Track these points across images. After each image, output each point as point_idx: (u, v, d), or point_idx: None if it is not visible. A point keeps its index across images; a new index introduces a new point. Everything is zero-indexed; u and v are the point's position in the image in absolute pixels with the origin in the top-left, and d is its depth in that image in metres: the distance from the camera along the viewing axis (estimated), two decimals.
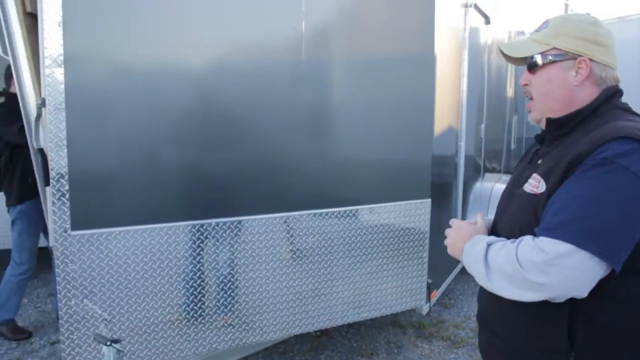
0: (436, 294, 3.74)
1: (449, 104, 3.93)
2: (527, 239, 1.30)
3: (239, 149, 2.88)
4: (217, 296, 2.93)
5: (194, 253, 2.81)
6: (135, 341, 2.72)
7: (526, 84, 1.55)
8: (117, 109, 2.58)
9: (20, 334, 4.04)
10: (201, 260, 2.84)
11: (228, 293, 2.96)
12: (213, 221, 2.84)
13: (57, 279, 2.51)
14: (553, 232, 1.24)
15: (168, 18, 2.64)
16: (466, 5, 4.23)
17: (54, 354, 3.87)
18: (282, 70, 2.98)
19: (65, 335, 2.56)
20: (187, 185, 2.78)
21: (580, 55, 1.43)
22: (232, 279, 2.96)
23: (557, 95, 1.47)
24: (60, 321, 2.56)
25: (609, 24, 8.03)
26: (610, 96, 1.45)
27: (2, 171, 3.99)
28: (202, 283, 2.87)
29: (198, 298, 2.87)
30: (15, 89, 3.83)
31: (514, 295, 1.30)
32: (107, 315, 2.64)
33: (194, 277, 2.84)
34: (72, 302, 2.55)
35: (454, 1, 3.99)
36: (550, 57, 1.46)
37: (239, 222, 2.92)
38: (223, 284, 2.94)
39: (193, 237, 2.80)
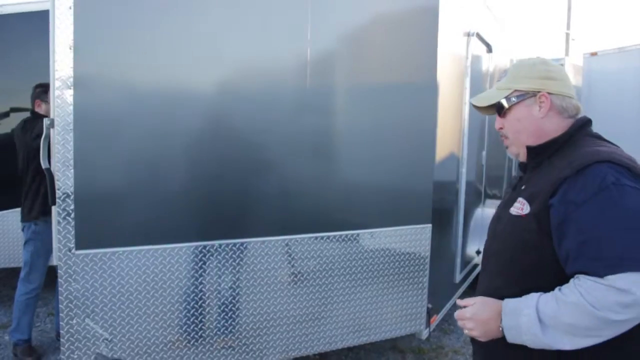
0: (436, 319, 3.74)
1: (450, 131, 3.97)
2: (586, 283, 1.31)
3: (242, 172, 2.92)
4: (218, 317, 2.94)
5: (195, 274, 2.83)
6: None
7: (501, 127, 1.73)
8: (125, 131, 2.63)
9: (28, 357, 4.02)
10: (203, 281, 2.86)
11: (229, 315, 2.97)
12: (216, 243, 2.87)
13: (60, 297, 2.54)
14: (618, 267, 1.27)
15: (176, 43, 2.71)
16: (468, 34, 4.30)
17: None
18: (287, 96, 3.04)
19: (66, 355, 2.57)
20: (191, 207, 2.81)
21: (539, 91, 1.60)
22: (232, 301, 2.97)
23: (528, 130, 1.65)
24: (61, 340, 2.57)
25: (608, 55, 8.14)
26: (583, 125, 1.60)
27: (26, 186, 4.01)
28: (203, 304, 2.88)
29: (199, 319, 2.88)
30: (39, 109, 3.92)
31: (581, 344, 1.32)
32: (108, 335, 2.65)
33: (195, 298, 2.86)
34: (74, 321, 2.57)
35: (456, 30, 4.05)
36: (513, 99, 1.65)
37: (242, 244, 2.94)
38: (224, 306, 2.95)
39: (195, 259, 2.82)
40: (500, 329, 1.47)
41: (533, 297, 1.42)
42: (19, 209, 4.26)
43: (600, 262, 1.30)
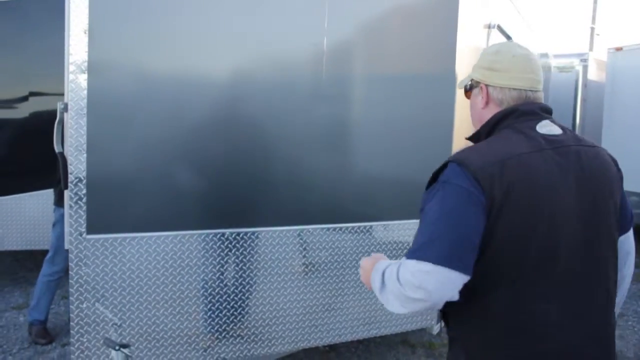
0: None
1: (468, 124, 3.91)
2: (403, 260, 1.43)
3: (257, 160, 2.90)
4: (227, 307, 2.93)
5: (206, 262, 2.83)
6: (144, 347, 2.73)
7: None
8: (138, 116, 2.62)
9: (41, 339, 4.06)
10: (213, 269, 2.86)
11: (238, 304, 2.97)
12: (228, 231, 2.86)
13: (70, 281, 2.55)
14: (411, 254, 1.39)
15: (192, 29, 2.69)
16: (489, 27, 4.22)
17: (64, 355, 3.90)
18: (302, 85, 3.01)
19: (75, 338, 2.59)
20: (204, 194, 2.81)
21: (480, 83, 1.66)
22: (242, 290, 2.96)
23: (473, 117, 1.73)
24: (71, 324, 2.58)
25: (634, 50, 7.96)
26: (503, 117, 1.59)
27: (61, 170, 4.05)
28: (214, 292, 2.88)
29: (209, 307, 2.88)
30: None
31: (398, 309, 1.42)
32: (117, 320, 2.65)
33: (206, 286, 2.86)
34: (84, 305, 2.58)
35: (477, 22, 3.98)
36: (467, 87, 1.74)
37: (253, 233, 2.93)
38: (234, 295, 2.94)
39: (206, 247, 2.81)
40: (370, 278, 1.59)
41: (389, 262, 1.56)
42: (36, 192, 4.31)
43: (412, 246, 1.43)
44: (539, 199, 1.42)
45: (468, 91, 1.73)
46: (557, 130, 1.55)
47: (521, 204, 1.40)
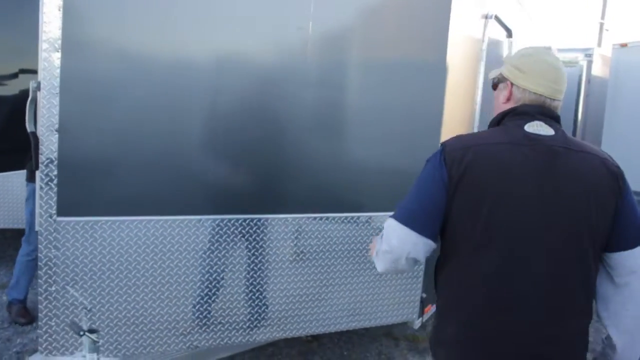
0: (430, 309, 3.64)
1: (460, 115, 3.83)
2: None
3: (233, 145, 2.84)
4: (209, 293, 2.89)
5: (181, 248, 2.77)
6: (115, 332, 2.69)
7: None
8: (113, 97, 2.56)
9: (21, 319, 4.04)
10: (188, 256, 2.80)
11: (220, 291, 2.92)
12: (203, 217, 2.81)
13: (39, 263, 2.50)
14: (392, 214, 1.66)
15: (173, 9, 2.61)
16: (486, 17, 4.12)
17: None
18: (287, 71, 2.93)
19: (44, 322, 2.54)
20: (181, 179, 2.74)
21: (507, 80, 1.75)
22: (225, 277, 2.91)
23: (495, 109, 1.82)
24: (39, 306, 2.54)
25: (639, 46, 7.83)
26: (505, 115, 1.71)
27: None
28: (188, 279, 2.83)
29: (182, 294, 2.83)
30: None
31: (379, 265, 1.70)
32: (88, 304, 2.61)
33: (180, 272, 2.80)
34: (53, 289, 2.53)
35: (473, 11, 3.89)
36: (495, 81, 1.83)
37: (229, 220, 2.87)
38: (215, 281, 2.89)
39: (181, 232, 2.75)
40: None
41: None
42: (23, 171, 4.26)
43: None
44: (489, 183, 1.55)
45: (496, 84, 1.83)
46: (545, 131, 1.61)
47: (472, 185, 1.56)
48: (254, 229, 2.95)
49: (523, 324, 1.54)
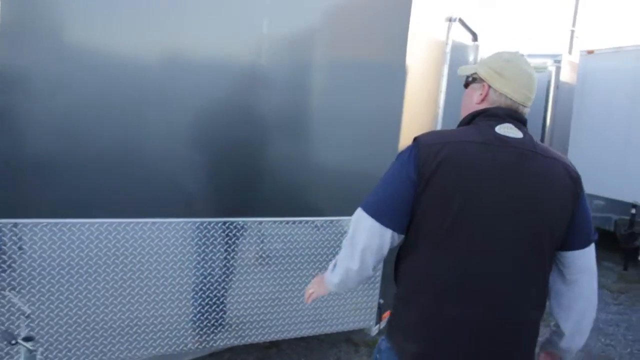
0: (388, 316, 3.59)
1: (422, 119, 3.79)
2: None
3: (184, 145, 2.75)
4: (157, 298, 2.79)
5: (117, 252, 2.66)
6: (55, 340, 2.57)
7: None
8: (41, 90, 2.41)
9: None
10: (137, 260, 2.70)
11: (168, 297, 2.82)
12: (151, 221, 2.71)
13: None
14: (361, 204, 1.70)
15: (118, 2, 2.51)
16: (450, 20, 4.10)
17: None
18: (240, 73, 2.85)
19: None
20: (115, 180, 2.63)
21: (484, 81, 1.77)
22: (172, 282, 2.82)
23: (465, 106, 1.85)
24: None
25: (605, 54, 7.93)
26: (477, 115, 1.76)
27: None
28: (139, 284, 2.73)
29: (135, 299, 2.73)
30: None
31: (346, 258, 1.72)
32: (27, 309, 2.50)
33: (132, 276, 2.70)
34: None
35: (436, 14, 3.86)
36: (470, 79, 1.85)
37: (182, 223, 2.78)
38: (162, 287, 2.79)
39: (117, 236, 2.65)
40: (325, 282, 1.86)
41: None
42: None
43: None
44: (464, 178, 1.59)
45: (469, 82, 1.85)
46: (514, 134, 1.67)
47: (443, 182, 1.59)
48: (204, 232, 2.86)
49: (481, 315, 1.61)
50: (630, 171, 7.37)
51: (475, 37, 4.85)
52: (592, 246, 1.73)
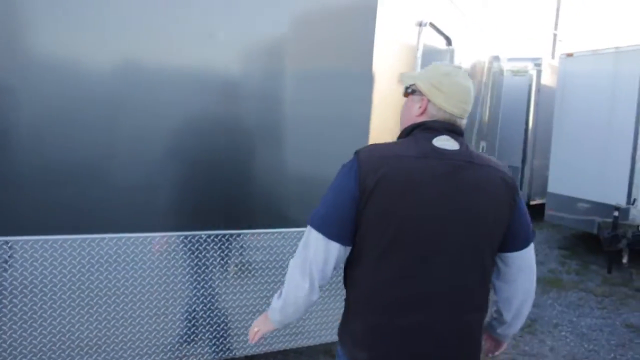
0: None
1: (393, 124, 3.72)
2: None
3: (150, 157, 2.66)
4: (126, 315, 2.69)
5: (101, 268, 2.57)
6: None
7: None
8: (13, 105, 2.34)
9: None
10: (100, 277, 2.61)
11: (137, 312, 2.72)
12: (108, 236, 2.62)
13: None
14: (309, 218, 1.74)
15: (79, 11, 2.43)
16: (420, 24, 4.04)
17: None
18: (206, 82, 2.77)
19: None
20: (89, 194, 2.55)
21: (423, 95, 1.80)
22: (142, 298, 2.72)
23: (404, 117, 1.89)
24: None
25: (583, 56, 7.94)
26: (415, 127, 1.80)
27: None
28: (106, 301, 2.63)
29: (103, 317, 2.63)
30: None
31: (294, 273, 1.73)
32: None
33: (99, 293, 2.61)
34: None
35: (405, 18, 3.80)
36: (409, 90, 1.87)
37: (147, 238, 2.69)
38: (132, 302, 2.70)
39: (101, 251, 2.56)
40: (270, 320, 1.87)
41: None
42: None
43: None
44: (403, 192, 1.65)
45: (408, 93, 1.88)
46: (451, 146, 1.74)
47: (385, 195, 1.64)
48: (176, 246, 2.78)
49: (425, 323, 1.69)
50: (612, 173, 7.36)
51: (449, 41, 4.80)
52: (531, 246, 1.85)
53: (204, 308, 2.94)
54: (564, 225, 8.75)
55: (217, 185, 2.89)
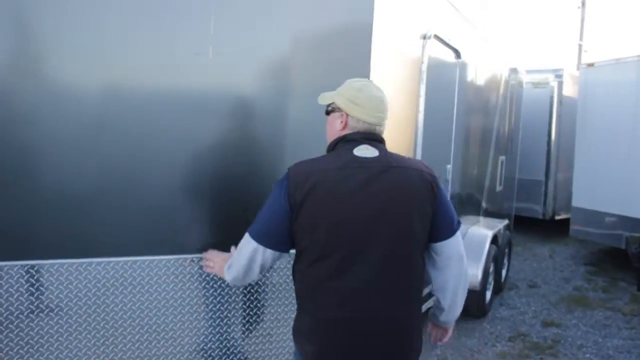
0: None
1: (397, 136, 3.59)
2: None
3: (113, 178, 2.57)
4: (97, 342, 2.60)
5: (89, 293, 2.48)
6: None
7: None
8: None
9: None
10: (88, 302, 2.52)
11: (102, 341, 2.62)
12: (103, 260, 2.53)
13: None
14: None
15: (59, 28, 2.37)
16: (425, 37, 3.93)
17: None
18: (184, 99, 2.69)
19: None
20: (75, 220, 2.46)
21: (342, 110, 2.01)
22: (116, 325, 2.62)
23: (329, 134, 2.10)
24: None
25: (604, 66, 7.70)
26: (338, 141, 2.00)
27: None
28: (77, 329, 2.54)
29: (76, 344, 2.54)
30: None
31: (234, 273, 2.05)
32: None
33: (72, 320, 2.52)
34: None
35: (408, 31, 3.69)
36: (329, 109, 2.09)
37: (126, 262, 2.59)
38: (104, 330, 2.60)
39: (70, 277, 2.47)
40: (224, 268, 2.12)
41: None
42: None
43: None
44: (329, 202, 1.85)
45: (329, 111, 2.08)
46: (371, 153, 1.92)
47: (314, 205, 1.86)
48: (157, 270, 2.68)
49: (363, 317, 1.88)
50: (638, 185, 7.07)
51: (458, 54, 4.67)
52: (457, 234, 2.01)
53: (220, 338, 2.81)
54: (590, 240, 8.45)
55: (238, 206, 2.79)
